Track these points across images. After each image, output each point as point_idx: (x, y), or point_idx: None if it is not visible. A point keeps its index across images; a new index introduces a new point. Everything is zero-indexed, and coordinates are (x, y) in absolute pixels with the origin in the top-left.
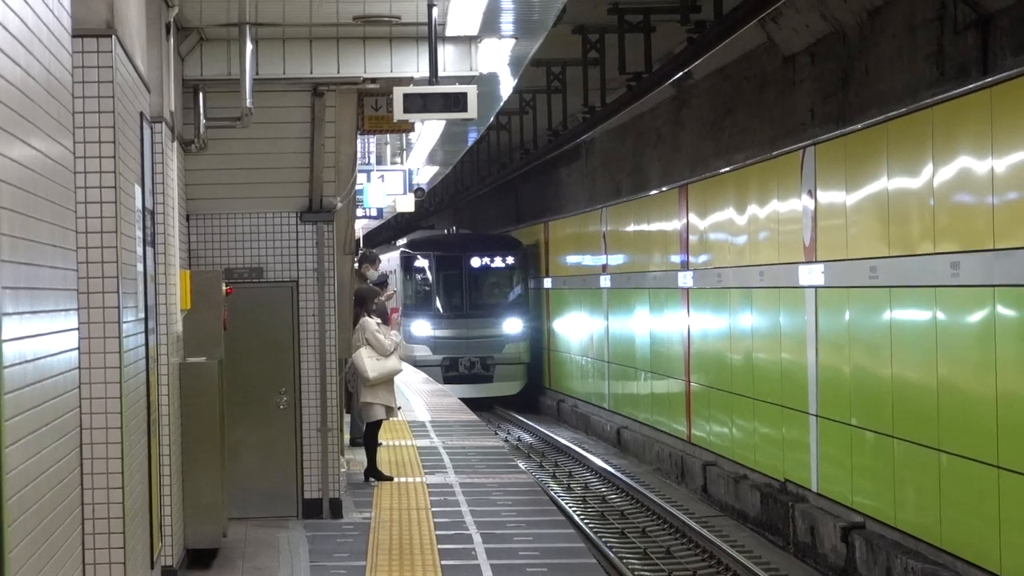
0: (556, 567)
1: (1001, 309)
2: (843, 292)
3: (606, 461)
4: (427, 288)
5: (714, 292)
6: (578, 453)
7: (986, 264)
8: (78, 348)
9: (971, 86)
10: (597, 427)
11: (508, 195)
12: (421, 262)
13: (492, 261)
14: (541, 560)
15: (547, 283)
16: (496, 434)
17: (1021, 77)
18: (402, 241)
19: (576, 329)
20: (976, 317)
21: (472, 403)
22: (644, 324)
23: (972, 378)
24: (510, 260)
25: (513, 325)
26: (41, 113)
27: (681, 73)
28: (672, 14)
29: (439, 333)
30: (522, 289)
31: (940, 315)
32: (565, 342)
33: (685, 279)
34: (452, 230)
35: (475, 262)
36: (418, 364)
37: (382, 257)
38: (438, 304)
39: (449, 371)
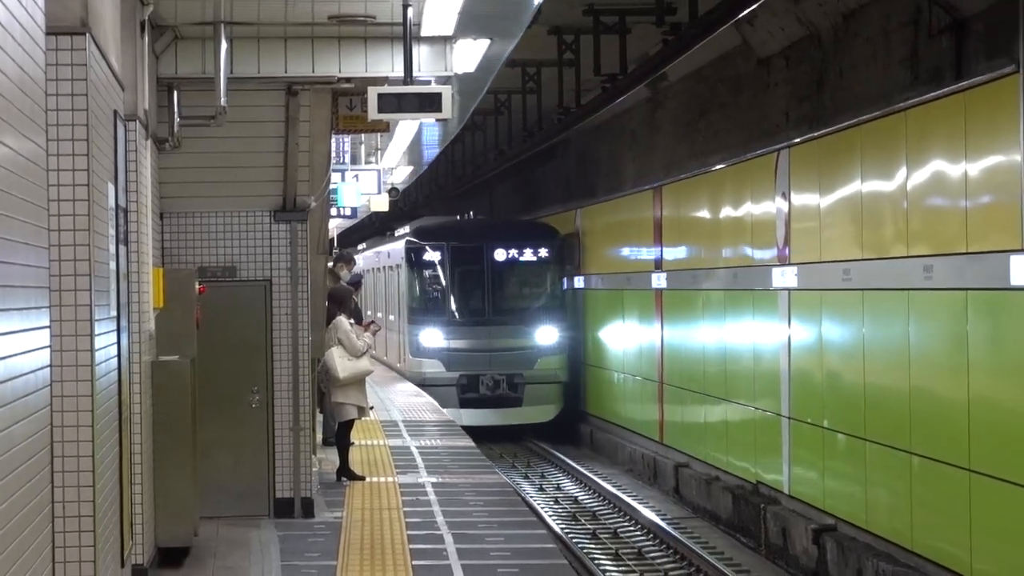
0: (527, 568)
1: (973, 313)
2: (817, 294)
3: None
4: (439, 288)
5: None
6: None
7: (959, 267)
8: (49, 346)
9: (945, 90)
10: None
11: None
12: (432, 255)
13: (521, 254)
14: (512, 561)
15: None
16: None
17: (995, 81)
18: (405, 229)
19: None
20: (949, 320)
21: (496, 432)
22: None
23: (944, 381)
24: (544, 252)
25: (547, 335)
26: (14, 111)
27: (656, 75)
28: (647, 16)
29: (454, 344)
30: (558, 289)
31: (913, 318)
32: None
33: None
34: (468, 215)
35: (499, 255)
36: (427, 383)
37: (382, 248)
38: (453, 308)
39: (467, 392)
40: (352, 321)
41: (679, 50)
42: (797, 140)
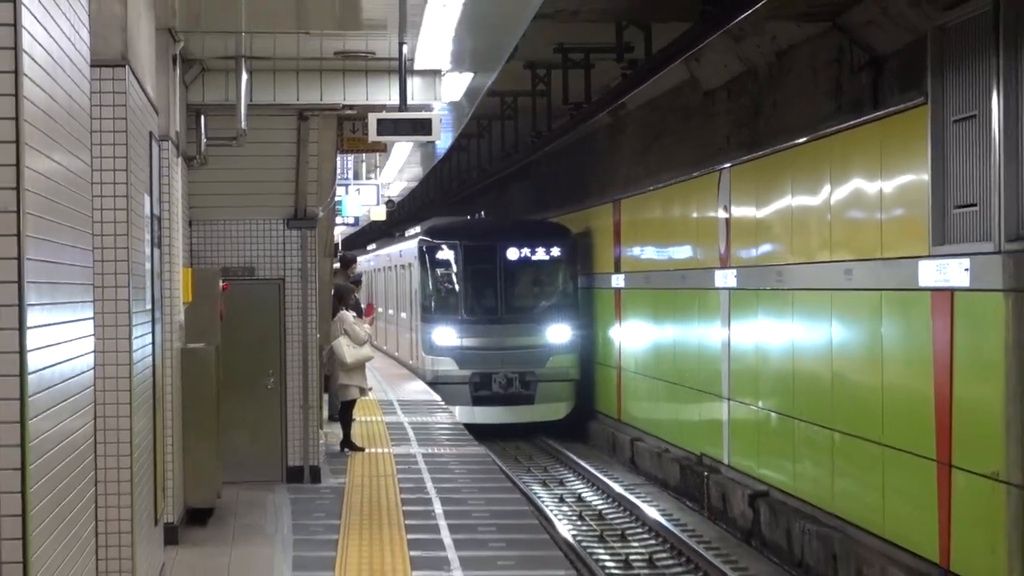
0: (504, 527)
1: (887, 310)
2: (753, 293)
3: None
4: (452, 286)
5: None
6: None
7: (875, 271)
8: (93, 334)
9: (864, 118)
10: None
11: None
12: (445, 253)
13: (534, 253)
14: (491, 521)
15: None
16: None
17: (907, 111)
18: (416, 229)
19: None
20: (866, 316)
21: (508, 430)
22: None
23: (861, 368)
24: (556, 251)
25: (559, 333)
26: (63, 132)
27: (616, 103)
28: (608, 53)
29: (467, 342)
30: (571, 288)
31: (835, 314)
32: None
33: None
34: (479, 215)
35: (512, 254)
36: (439, 381)
37: (394, 247)
38: (466, 306)
39: (479, 390)
40: (354, 314)
41: (636, 83)
42: (737, 161)
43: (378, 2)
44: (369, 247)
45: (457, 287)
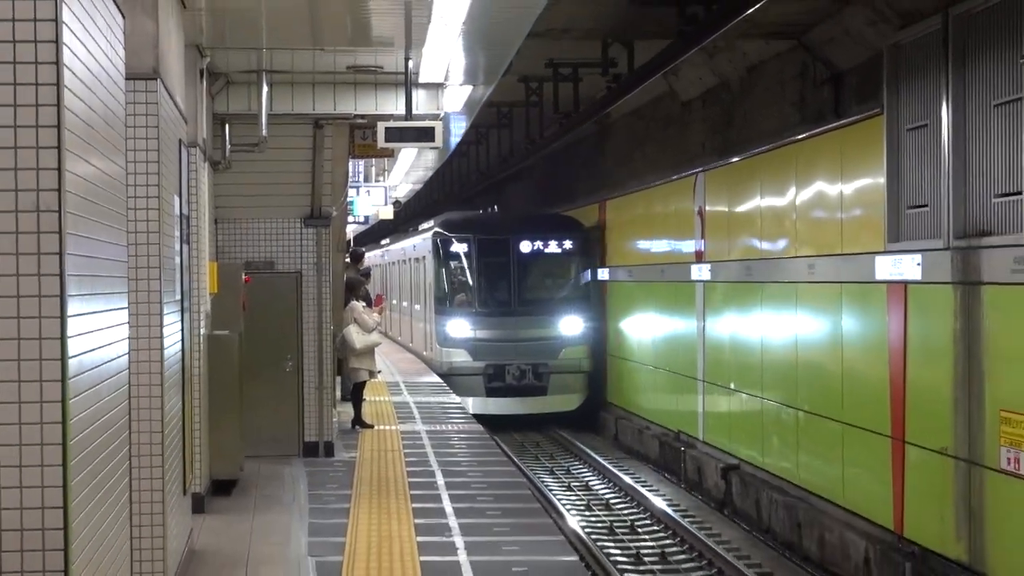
0: (500, 497)
1: (846, 300)
2: (725, 286)
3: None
4: (466, 279)
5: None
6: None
7: (835, 265)
8: (127, 322)
9: (826, 127)
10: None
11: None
12: (458, 247)
13: (546, 246)
14: (488, 491)
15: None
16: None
17: (865, 121)
18: (429, 224)
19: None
20: (827, 306)
21: (521, 421)
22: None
23: (823, 353)
24: (568, 245)
25: (572, 325)
26: (101, 139)
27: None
28: (595, 67)
29: (481, 334)
30: (583, 281)
31: (799, 305)
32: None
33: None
34: (492, 209)
35: (525, 247)
36: (454, 372)
37: (408, 241)
38: (480, 299)
39: (493, 381)
40: (364, 304)
41: (619, 94)
42: (711, 166)
43: (386, 21)
44: (383, 241)
45: (471, 280)
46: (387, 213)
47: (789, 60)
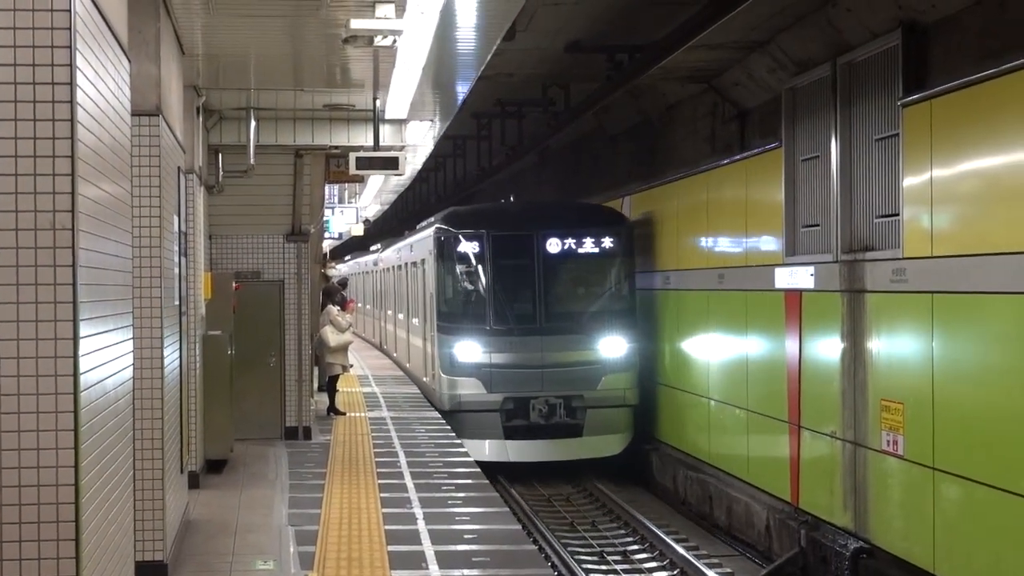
0: (454, 474)
1: (750, 306)
2: (648, 293)
3: None
4: (477, 287)
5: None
6: None
7: (742, 275)
8: (131, 324)
9: (734, 158)
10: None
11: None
12: (467, 246)
13: (581, 244)
14: (444, 470)
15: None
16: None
17: (766, 153)
18: (430, 220)
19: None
20: (735, 312)
21: (549, 468)
22: None
23: (731, 350)
24: (609, 242)
25: (614, 346)
26: (109, 167)
27: (543, 145)
28: (537, 106)
29: (497, 359)
30: (627, 289)
31: (711, 311)
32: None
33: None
34: (509, 199)
35: (554, 246)
36: (462, 408)
37: (403, 242)
38: (496, 313)
39: (513, 419)
40: (338, 308)
41: (557, 129)
42: (636, 190)
43: (358, 66)
44: (373, 247)
45: (484, 288)
46: (358, 230)
47: (702, 100)
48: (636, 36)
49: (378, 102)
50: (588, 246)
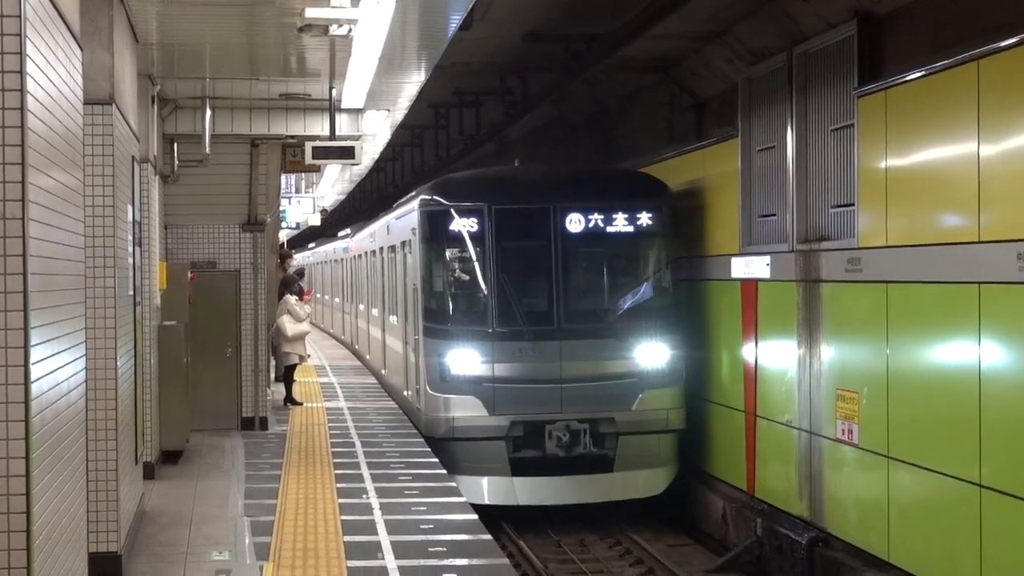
0: (411, 464)
1: (709, 295)
2: None
3: None
4: (475, 278)
5: None
6: None
7: (703, 265)
8: (84, 315)
9: (690, 147)
10: None
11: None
12: (463, 223)
13: (610, 221)
14: (400, 459)
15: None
16: None
17: (723, 142)
18: (410, 195)
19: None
20: (694, 300)
21: (568, 512)
22: None
23: (691, 339)
24: (647, 219)
25: (653, 353)
26: (61, 156)
27: (500, 134)
28: (494, 95)
29: (502, 372)
30: (668, 279)
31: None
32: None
33: None
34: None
35: (575, 224)
36: (456, 435)
37: (379, 221)
38: (500, 311)
39: (524, 448)
40: (296, 298)
41: (515, 119)
42: None
43: (314, 56)
44: (342, 233)
45: (484, 279)
46: (315, 219)
47: (659, 90)
48: (596, 24)
49: (334, 91)
50: (620, 223)
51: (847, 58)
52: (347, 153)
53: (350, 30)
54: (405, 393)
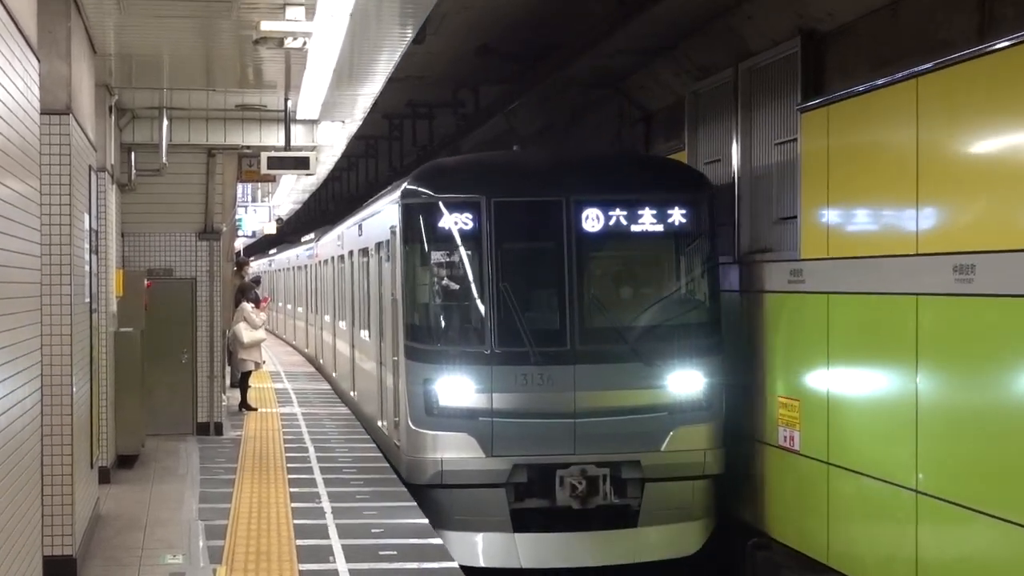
0: (363, 469)
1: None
2: None
3: None
4: (469, 288)
5: None
6: None
7: None
8: (39, 321)
9: None
10: None
11: None
12: (453, 220)
13: (636, 218)
14: (353, 464)
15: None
16: None
17: (670, 155)
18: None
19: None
20: None
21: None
22: None
23: None
24: (680, 217)
25: (688, 380)
26: (16, 165)
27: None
28: (447, 107)
29: (502, 403)
30: (707, 287)
31: None
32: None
33: None
34: (514, 149)
35: (592, 221)
36: (444, 481)
37: (350, 221)
38: (500, 328)
39: (529, 498)
40: (252, 305)
41: (467, 131)
42: None
43: (270, 67)
44: (306, 238)
45: (480, 290)
46: (271, 228)
47: (608, 103)
48: (548, 37)
49: (289, 103)
50: (648, 221)
51: (791, 74)
52: (302, 164)
53: (305, 43)
54: (379, 424)
